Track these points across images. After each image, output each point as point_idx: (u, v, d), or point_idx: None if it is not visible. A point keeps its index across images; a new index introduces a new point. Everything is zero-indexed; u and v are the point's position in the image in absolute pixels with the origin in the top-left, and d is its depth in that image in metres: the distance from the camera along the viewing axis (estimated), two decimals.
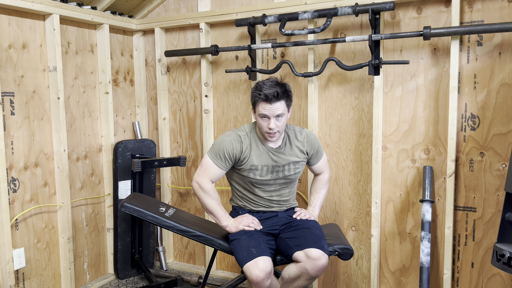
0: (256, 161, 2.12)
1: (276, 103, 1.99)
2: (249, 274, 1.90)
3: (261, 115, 2.03)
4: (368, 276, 2.64)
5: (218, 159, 2.11)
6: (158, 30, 3.07)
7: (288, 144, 2.18)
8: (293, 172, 2.18)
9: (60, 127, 2.61)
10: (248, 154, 2.11)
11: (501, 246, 1.74)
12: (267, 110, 2.00)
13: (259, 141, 2.14)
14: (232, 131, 2.16)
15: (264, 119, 2.03)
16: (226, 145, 2.10)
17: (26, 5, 2.36)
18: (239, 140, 2.11)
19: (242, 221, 2.14)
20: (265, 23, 2.59)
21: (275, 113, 2.00)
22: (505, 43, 2.19)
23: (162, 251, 3.22)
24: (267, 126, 2.03)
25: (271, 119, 2.01)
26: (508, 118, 2.22)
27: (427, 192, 2.34)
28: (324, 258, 1.94)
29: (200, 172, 2.14)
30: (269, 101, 1.99)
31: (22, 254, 2.46)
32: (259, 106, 2.02)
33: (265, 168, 2.14)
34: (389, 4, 2.27)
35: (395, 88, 2.46)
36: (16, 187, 2.44)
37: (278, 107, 2.00)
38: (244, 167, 2.12)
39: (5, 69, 2.37)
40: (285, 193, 2.23)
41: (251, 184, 2.17)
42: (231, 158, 2.10)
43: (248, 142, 2.12)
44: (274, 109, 2.00)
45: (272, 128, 2.01)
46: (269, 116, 2.01)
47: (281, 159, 2.15)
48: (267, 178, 2.15)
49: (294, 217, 2.21)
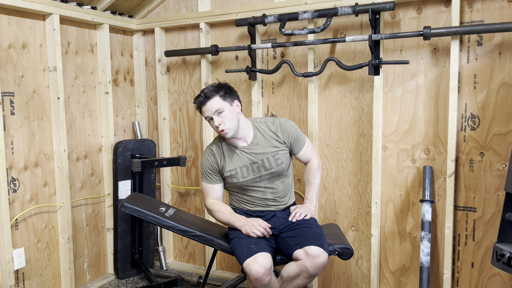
0: (233, 166, 2.17)
1: (208, 102, 2.09)
2: (249, 270, 1.90)
3: (207, 119, 2.13)
4: (368, 276, 2.64)
5: (209, 178, 2.24)
6: (158, 30, 3.07)
7: (260, 137, 2.18)
8: (274, 164, 2.16)
9: (60, 127, 2.61)
10: (224, 163, 2.19)
11: (501, 246, 1.74)
12: (205, 112, 2.11)
13: (231, 145, 2.20)
14: (206, 147, 2.30)
15: (210, 122, 2.12)
16: (204, 163, 2.24)
17: (26, 5, 2.36)
18: (211, 153, 2.23)
19: (252, 228, 2.09)
20: (265, 23, 2.59)
21: (213, 110, 2.08)
22: (505, 43, 2.19)
23: (162, 251, 3.22)
24: (215, 126, 2.10)
25: (214, 118, 2.09)
26: (508, 118, 2.22)
27: (427, 192, 2.34)
28: (324, 256, 1.94)
29: (203, 197, 2.30)
30: (203, 104, 2.10)
31: (22, 254, 2.46)
32: (202, 113, 2.14)
33: (244, 168, 2.16)
34: (389, 4, 2.27)
35: (395, 88, 2.46)
36: (16, 187, 2.44)
37: (213, 104, 2.08)
38: (226, 175, 2.19)
39: (5, 69, 2.37)
40: (278, 190, 2.21)
41: (240, 188, 2.20)
42: (214, 171, 2.22)
43: (220, 152, 2.21)
44: (210, 107, 2.08)
45: (218, 126, 2.08)
46: (211, 116, 2.09)
47: (257, 154, 2.16)
48: (250, 178, 2.16)
49: (290, 219, 2.18)
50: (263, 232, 2.08)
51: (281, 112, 2.80)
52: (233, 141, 2.18)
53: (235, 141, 2.18)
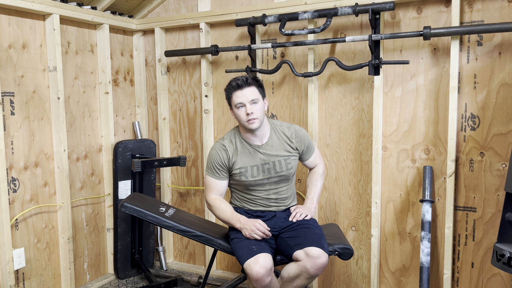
0: (244, 163, 2.15)
1: (247, 88, 2.08)
2: (249, 270, 1.90)
3: (237, 105, 2.09)
4: (368, 276, 2.64)
5: (215, 173, 2.19)
6: (158, 30, 3.07)
7: (275, 139, 2.19)
8: (285, 168, 2.17)
9: (60, 127, 2.61)
10: (235, 159, 2.16)
11: (501, 246, 1.74)
12: (240, 97, 2.07)
13: (245, 142, 2.17)
14: (217, 142, 2.23)
15: (241, 109, 2.09)
16: (214, 157, 2.18)
17: (26, 5, 2.36)
18: (223, 149, 2.17)
19: (252, 232, 2.07)
20: (265, 23, 2.59)
21: (249, 98, 2.07)
22: (505, 43, 2.19)
23: (162, 251, 3.22)
24: (245, 114, 2.07)
25: (246, 105, 2.06)
26: (508, 118, 2.22)
27: (427, 192, 2.34)
28: (324, 257, 1.94)
29: (206, 191, 2.25)
30: (240, 88, 2.08)
31: (22, 254, 2.46)
32: (234, 97, 2.10)
33: (255, 168, 2.15)
34: (389, 4, 2.27)
35: (395, 88, 2.46)
36: (16, 187, 2.44)
37: (251, 92, 2.08)
38: (235, 172, 2.16)
39: (5, 69, 2.37)
40: (282, 191, 2.22)
41: (245, 186, 2.19)
42: (224, 167, 2.17)
43: (233, 148, 2.17)
44: (248, 94, 2.07)
45: (250, 113, 2.05)
46: (244, 103, 2.07)
47: (269, 155, 2.16)
48: (259, 178, 2.16)
49: (290, 219, 2.18)
50: (262, 236, 2.07)
51: (281, 112, 2.80)
52: (249, 137, 2.16)
53: (251, 137, 2.16)
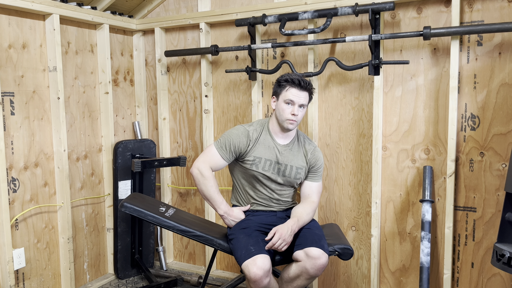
0: (261, 154, 2.15)
1: (304, 92, 2.10)
2: (247, 272, 1.90)
3: (287, 101, 2.09)
4: (368, 276, 2.64)
5: (224, 150, 2.16)
6: (158, 30, 3.07)
7: (296, 145, 2.22)
8: (293, 176, 2.19)
9: (60, 127, 2.61)
10: (253, 146, 2.16)
11: (501, 246, 1.74)
12: (295, 96, 2.08)
13: (269, 135, 2.19)
14: (242, 126, 2.22)
15: (288, 105, 2.10)
16: (233, 138, 2.15)
17: (26, 5, 2.36)
18: (246, 135, 2.16)
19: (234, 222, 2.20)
20: (265, 23, 2.59)
21: (301, 101, 2.09)
22: (505, 43, 2.19)
23: (162, 251, 3.22)
24: (290, 112, 2.09)
25: (295, 106, 2.08)
26: (508, 118, 2.22)
27: (427, 192, 2.34)
28: (324, 257, 1.94)
29: (202, 158, 2.17)
30: (299, 87, 2.08)
31: (22, 254, 2.46)
32: (288, 92, 2.09)
33: (268, 162, 2.16)
34: (389, 4, 2.26)
35: (395, 88, 2.46)
36: (16, 187, 2.44)
37: (306, 97, 2.11)
38: (248, 158, 2.16)
39: (5, 69, 2.37)
40: (285, 194, 2.23)
41: (253, 178, 2.18)
42: (235, 151, 2.16)
43: (256, 136, 2.17)
44: (302, 97, 2.09)
45: (294, 114, 2.08)
46: (294, 103, 2.08)
47: (286, 157, 2.17)
48: (268, 174, 2.16)
49: (266, 248, 2.00)
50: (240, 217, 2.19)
51: None
52: (277, 133, 2.19)
53: (278, 134, 2.19)
